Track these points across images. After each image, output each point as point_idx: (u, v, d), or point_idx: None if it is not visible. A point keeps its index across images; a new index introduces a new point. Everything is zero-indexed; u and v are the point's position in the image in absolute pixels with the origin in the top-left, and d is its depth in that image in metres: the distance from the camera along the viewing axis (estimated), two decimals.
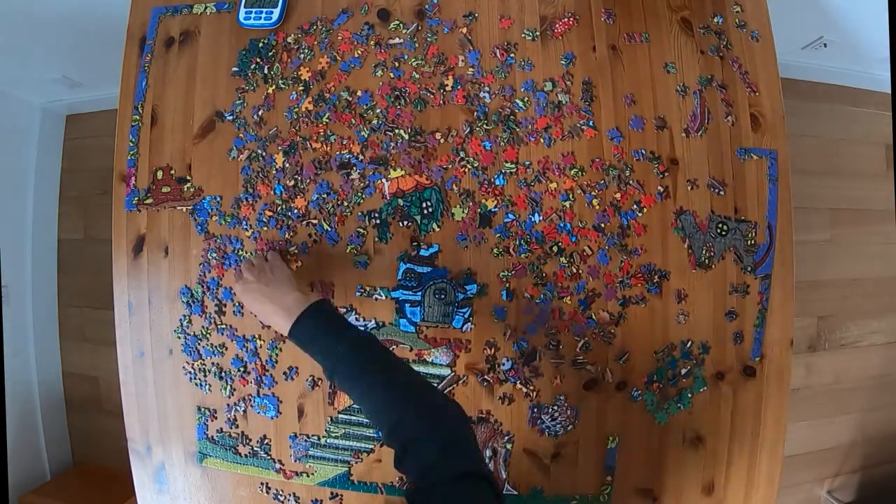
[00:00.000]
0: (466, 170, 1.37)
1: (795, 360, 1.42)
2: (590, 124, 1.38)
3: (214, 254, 1.43)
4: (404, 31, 1.44)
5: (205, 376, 1.45)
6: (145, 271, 1.48)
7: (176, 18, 1.53)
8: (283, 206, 1.42)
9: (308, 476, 1.43)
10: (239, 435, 1.45)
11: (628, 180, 1.36)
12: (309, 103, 1.43)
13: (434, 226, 1.37)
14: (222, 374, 1.44)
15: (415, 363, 1.38)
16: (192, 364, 1.46)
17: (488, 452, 1.39)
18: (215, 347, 1.44)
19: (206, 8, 1.52)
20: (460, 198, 1.37)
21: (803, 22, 2.08)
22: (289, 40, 1.47)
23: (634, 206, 1.36)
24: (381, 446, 1.41)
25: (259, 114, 1.45)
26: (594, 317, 1.36)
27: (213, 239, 1.44)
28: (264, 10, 1.47)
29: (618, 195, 1.36)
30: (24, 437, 2.93)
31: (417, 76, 1.42)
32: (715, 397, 1.39)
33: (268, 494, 1.46)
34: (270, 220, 1.41)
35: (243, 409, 1.44)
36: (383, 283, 1.38)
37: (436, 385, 1.37)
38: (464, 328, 1.37)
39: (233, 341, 1.43)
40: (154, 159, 1.48)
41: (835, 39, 2.23)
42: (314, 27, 1.47)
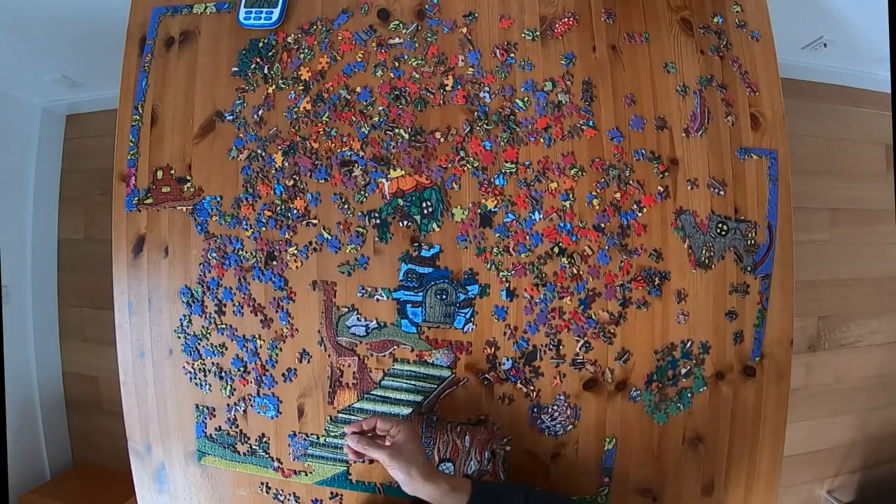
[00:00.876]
0: (466, 169, 1.37)
1: (795, 360, 1.42)
2: (590, 124, 1.38)
3: (214, 254, 1.43)
4: (404, 31, 1.44)
5: (205, 376, 1.45)
6: (145, 271, 1.48)
7: (176, 18, 1.53)
8: (282, 207, 1.42)
9: (306, 475, 1.43)
10: (237, 433, 1.45)
11: (628, 180, 1.36)
12: (307, 103, 1.43)
13: (434, 226, 1.37)
14: (222, 373, 1.44)
15: (415, 364, 1.38)
16: (192, 364, 1.46)
17: (487, 454, 1.38)
18: (215, 347, 1.44)
19: (206, 8, 1.52)
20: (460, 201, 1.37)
21: (803, 22, 2.08)
22: (289, 40, 1.47)
23: (634, 206, 1.36)
24: None
25: (259, 114, 1.45)
26: (594, 317, 1.36)
27: (213, 239, 1.44)
28: (264, 10, 1.47)
29: (618, 195, 1.36)
30: (24, 436, 2.94)
31: (417, 76, 1.42)
32: (715, 397, 1.39)
33: (268, 494, 1.46)
34: (269, 220, 1.41)
35: (243, 408, 1.44)
36: (385, 284, 1.38)
37: (435, 386, 1.38)
38: (465, 329, 1.37)
39: (233, 341, 1.43)
40: (154, 159, 1.49)
41: (835, 39, 2.23)
42: (314, 27, 1.47)
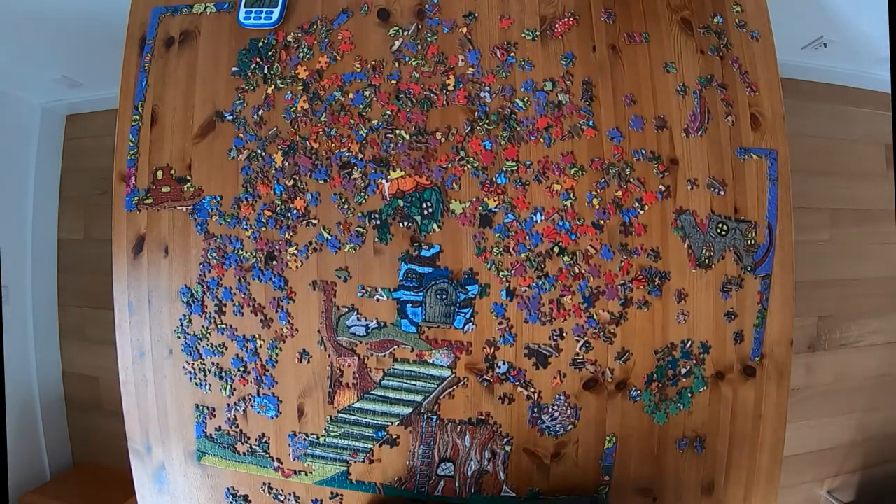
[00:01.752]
0: (466, 169, 1.37)
1: (795, 360, 1.42)
2: (590, 124, 1.38)
3: (214, 253, 1.43)
4: (405, 34, 1.44)
5: (205, 376, 1.45)
6: (145, 271, 1.48)
7: (176, 18, 1.53)
8: (282, 207, 1.42)
9: (306, 475, 1.43)
10: (237, 433, 1.45)
11: (629, 178, 1.37)
12: (304, 101, 1.43)
13: (434, 226, 1.37)
14: (222, 373, 1.44)
15: (415, 364, 1.38)
16: (192, 364, 1.46)
17: (487, 454, 1.39)
18: (215, 347, 1.44)
19: (206, 8, 1.52)
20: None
21: (803, 22, 2.08)
22: (289, 38, 1.47)
23: (636, 204, 1.36)
24: (381, 446, 1.41)
25: (259, 113, 1.45)
26: (595, 316, 1.36)
27: (212, 239, 1.44)
28: (264, 9, 1.47)
29: (619, 193, 1.36)
30: (24, 436, 2.94)
31: (417, 76, 1.42)
32: (715, 397, 1.39)
33: (269, 494, 1.46)
34: (270, 220, 1.42)
35: (243, 408, 1.44)
36: (385, 284, 1.38)
37: (435, 386, 1.38)
38: (465, 328, 1.37)
39: (233, 341, 1.43)
40: (154, 159, 1.49)
41: (835, 39, 2.23)
42: (314, 27, 1.47)
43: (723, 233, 1.37)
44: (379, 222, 1.38)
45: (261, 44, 1.48)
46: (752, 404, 1.40)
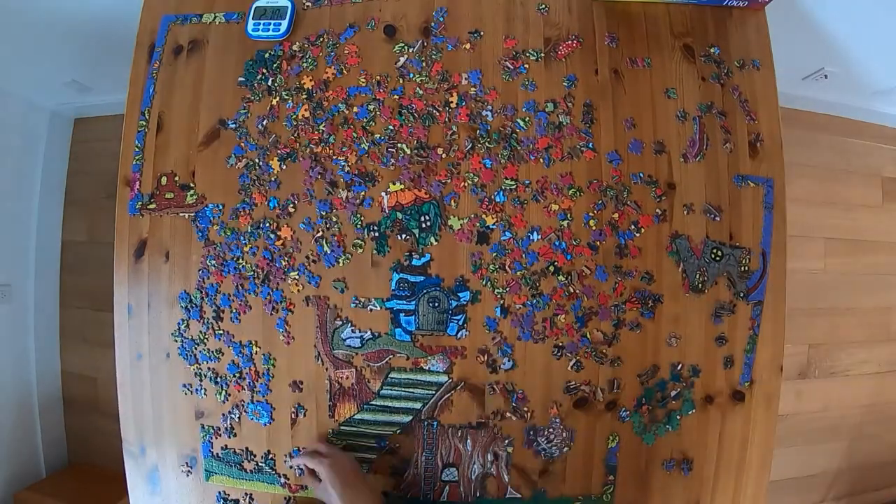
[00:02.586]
0: (465, 186, 1.39)
1: (785, 387, 1.43)
2: (589, 146, 1.40)
3: (213, 260, 1.45)
4: (409, 50, 1.46)
5: (200, 380, 1.46)
6: (146, 275, 1.49)
7: (185, 27, 1.56)
8: (273, 224, 1.44)
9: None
10: (244, 451, 1.46)
11: (626, 201, 1.38)
12: (305, 111, 1.45)
13: (432, 239, 1.39)
14: (218, 379, 1.45)
15: (412, 372, 1.39)
16: (189, 368, 1.47)
17: (489, 457, 1.39)
18: (212, 352, 1.45)
19: (215, 18, 1.55)
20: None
21: (805, 52, 2.10)
22: (294, 48, 1.49)
23: (632, 226, 1.38)
24: (383, 456, 1.41)
25: (264, 124, 1.47)
26: (588, 336, 1.37)
27: (212, 246, 1.45)
28: (272, 21, 1.49)
29: (615, 215, 1.38)
30: (22, 434, 2.95)
31: (421, 92, 1.44)
32: (703, 420, 1.40)
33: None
34: (264, 252, 1.43)
35: (237, 415, 1.45)
36: (377, 294, 1.40)
37: (433, 392, 1.39)
38: (458, 335, 1.38)
39: (229, 347, 1.44)
40: (159, 165, 1.50)
41: (836, 71, 2.25)
42: (321, 39, 1.49)
43: (717, 258, 1.39)
44: (378, 234, 1.40)
45: (267, 55, 1.50)
46: (740, 429, 1.41)
